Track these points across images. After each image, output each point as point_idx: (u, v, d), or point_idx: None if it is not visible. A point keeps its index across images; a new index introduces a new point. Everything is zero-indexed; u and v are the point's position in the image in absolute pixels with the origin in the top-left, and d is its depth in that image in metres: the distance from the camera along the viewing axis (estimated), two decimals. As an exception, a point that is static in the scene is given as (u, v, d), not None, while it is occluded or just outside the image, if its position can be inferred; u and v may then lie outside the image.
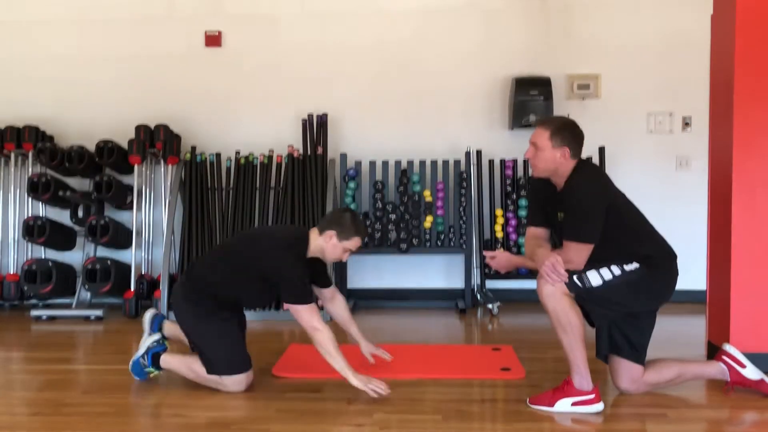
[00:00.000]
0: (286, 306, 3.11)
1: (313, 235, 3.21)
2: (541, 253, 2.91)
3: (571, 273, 2.85)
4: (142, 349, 3.32)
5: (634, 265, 2.91)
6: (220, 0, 5.86)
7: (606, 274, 2.88)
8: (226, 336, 3.18)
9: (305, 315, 3.05)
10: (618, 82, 5.70)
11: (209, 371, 3.14)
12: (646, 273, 2.91)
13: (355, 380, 2.99)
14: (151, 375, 3.33)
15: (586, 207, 2.86)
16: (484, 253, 3.23)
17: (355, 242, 3.20)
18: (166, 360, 3.29)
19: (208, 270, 3.26)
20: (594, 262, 2.88)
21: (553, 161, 2.95)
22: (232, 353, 3.17)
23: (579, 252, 2.86)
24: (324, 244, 3.18)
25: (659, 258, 2.97)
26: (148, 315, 3.50)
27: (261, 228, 3.24)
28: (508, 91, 5.69)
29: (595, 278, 2.86)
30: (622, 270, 2.89)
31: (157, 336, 3.37)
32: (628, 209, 3.00)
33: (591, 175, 2.97)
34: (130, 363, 3.32)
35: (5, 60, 5.92)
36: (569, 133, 2.95)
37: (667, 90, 5.69)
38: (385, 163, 5.63)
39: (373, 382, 3.00)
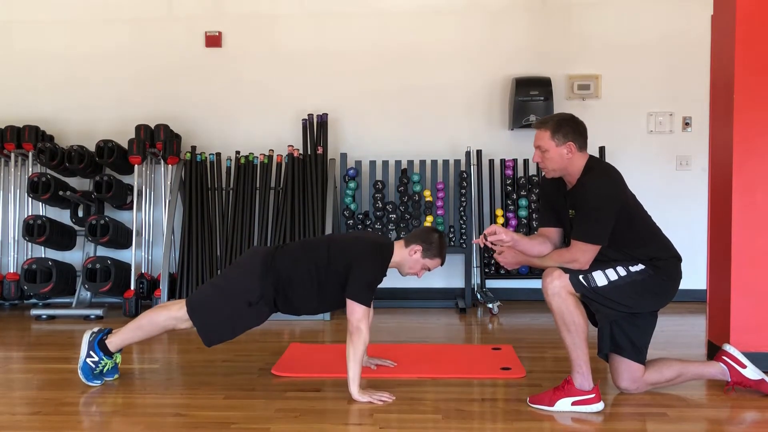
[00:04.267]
0: (348, 298, 3.07)
1: (398, 246, 3.23)
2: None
3: (576, 272, 2.86)
4: (84, 348, 3.22)
5: (639, 267, 2.91)
6: (220, 0, 5.87)
7: (611, 274, 2.88)
8: (242, 317, 3.18)
9: (358, 313, 3.03)
10: (618, 82, 5.70)
11: (193, 307, 3.13)
12: (651, 274, 2.92)
13: (358, 395, 2.99)
14: (106, 369, 3.24)
15: (597, 208, 2.85)
16: (492, 246, 3.07)
17: (435, 263, 3.24)
18: (112, 340, 3.23)
19: (291, 265, 3.19)
20: (600, 263, 2.88)
21: (561, 159, 2.94)
22: (227, 325, 3.18)
23: (585, 252, 2.86)
24: (407, 256, 3.21)
25: (664, 260, 2.97)
26: (87, 336, 3.26)
27: (349, 232, 3.24)
28: (508, 91, 5.69)
29: (600, 278, 2.87)
30: (628, 271, 2.90)
31: (92, 329, 3.27)
32: (637, 211, 2.99)
33: (605, 175, 2.94)
34: (79, 370, 3.22)
35: (5, 60, 5.92)
36: (570, 128, 2.94)
37: (667, 90, 5.69)
38: (385, 163, 5.64)
39: (377, 393, 3.02)
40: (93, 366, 3.23)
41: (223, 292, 3.19)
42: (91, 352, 3.22)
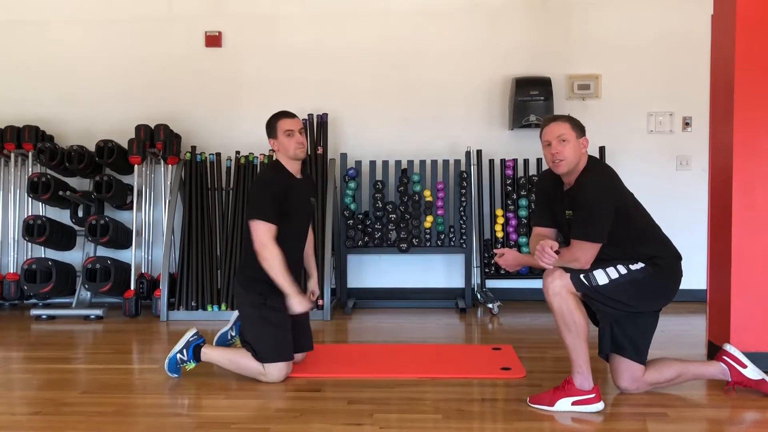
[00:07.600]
0: (248, 221, 3.23)
1: (277, 154, 3.42)
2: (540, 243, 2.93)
3: (578, 272, 2.86)
4: (181, 344, 3.35)
5: (639, 265, 2.92)
6: (220, 0, 5.87)
7: (612, 273, 2.89)
8: (276, 325, 3.28)
9: (259, 232, 3.18)
10: (618, 82, 5.70)
11: (257, 358, 3.25)
12: (652, 273, 2.92)
13: (295, 297, 3.18)
14: (187, 368, 3.36)
15: (596, 206, 2.87)
16: (494, 250, 3.27)
17: (282, 125, 3.37)
18: (207, 353, 3.35)
19: (246, 254, 3.37)
20: (601, 261, 2.89)
21: (577, 152, 2.97)
22: (278, 341, 3.27)
23: (586, 251, 2.86)
24: (278, 151, 3.39)
25: (664, 258, 2.97)
26: (188, 335, 3.43)
27: None
28: (508, 91, 5.69)
29: (601, 277, 2.87)
30: (628, 269, 2.90)
31: (194, 330, 3.40)
32: (636, 210, 3.01)
33: (602, 175, 2.97)
34: (167, 359, 3.35)
35: (5, 60, 5.92)
36: (581, 126, 3.03)
37: (667, 90, 5.69)
38: (385, 163, 5.64)
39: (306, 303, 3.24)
40: (178, 364, 3.35)
41: (256, 320, 3.29)
42: (186, 350, 3.34)
